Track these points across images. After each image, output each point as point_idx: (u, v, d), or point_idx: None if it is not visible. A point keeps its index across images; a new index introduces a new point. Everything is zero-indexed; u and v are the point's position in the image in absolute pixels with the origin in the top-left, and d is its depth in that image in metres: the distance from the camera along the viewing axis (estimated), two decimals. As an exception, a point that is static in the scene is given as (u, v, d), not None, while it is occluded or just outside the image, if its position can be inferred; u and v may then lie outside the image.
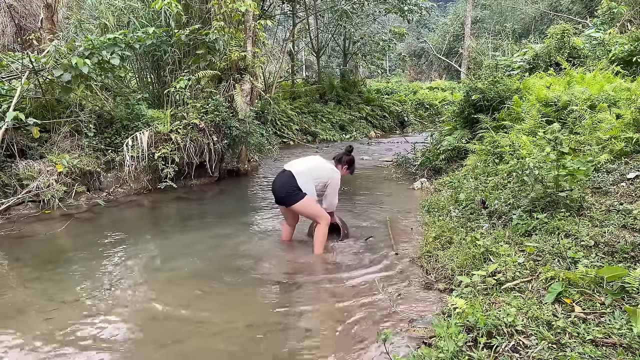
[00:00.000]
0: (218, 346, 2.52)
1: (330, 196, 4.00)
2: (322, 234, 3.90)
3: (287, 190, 3.80)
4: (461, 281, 2.78)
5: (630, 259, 2.48)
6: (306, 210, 3.87)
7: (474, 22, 24.35)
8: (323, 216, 3.90)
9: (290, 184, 3.79)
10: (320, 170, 3.97)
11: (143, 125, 6.71)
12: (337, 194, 4.06)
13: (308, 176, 3.85)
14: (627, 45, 6.99)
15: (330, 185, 3.97)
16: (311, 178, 3.87)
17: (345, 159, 4.18)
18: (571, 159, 3.48)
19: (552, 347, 1.90)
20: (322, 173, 3.96)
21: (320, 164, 4.04)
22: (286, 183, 3.82)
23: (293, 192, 3.78)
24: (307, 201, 3.80)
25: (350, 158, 4.21)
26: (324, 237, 3.90)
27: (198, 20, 7.75)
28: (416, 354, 2.05)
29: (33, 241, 4.54)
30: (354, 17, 14.93)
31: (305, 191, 3.78)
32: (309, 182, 3.83)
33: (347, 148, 4.26)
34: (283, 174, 3.92)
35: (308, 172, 3.88)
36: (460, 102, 7.25)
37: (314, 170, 3.94)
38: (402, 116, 17.07)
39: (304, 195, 3.78)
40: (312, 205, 3.85)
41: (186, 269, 3.67)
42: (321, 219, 3.90)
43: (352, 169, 4.28)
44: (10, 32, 9.98)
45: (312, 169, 3.94)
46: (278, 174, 4.03)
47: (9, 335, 2.66)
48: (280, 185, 3.88)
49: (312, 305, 3.02)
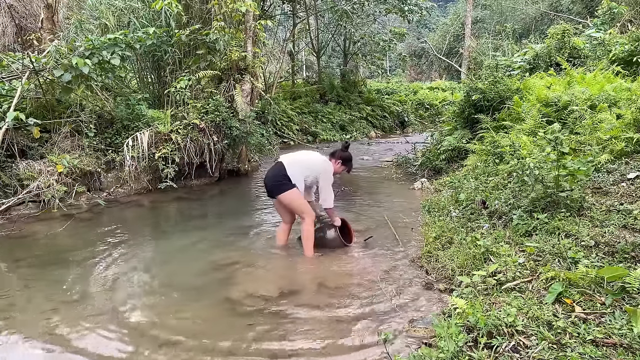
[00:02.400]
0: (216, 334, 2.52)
1: (324, 190, 3.84)
2: (308, 233, 3.82)
3: (276, 179, 3.75)
4: (461, 281, 2.78)
5: (630, 259, 2.47)
6: (292, 202, 3.78)
7: (474, 22, 24.35)
8: (308, 212, 3.82)
9: (279, 174, 3.75)
10: (311, 163, 3.88)
11: (143, 126, 6.71)
12: (332, 189, 3.89)
13: (298, 167, 3.79)
14: (628, 46, 6.99)
15: (321, 177, 3.84)
16: (302, 169, 3.80)
17: (339, 154, 4.03)
18: (571, 159, 3.47)
19: (552, 347, 1.90)
20: (313, 166, 3.87)
21: (313, 157, 3.96)
22: (276, 173, 3.78)
23: (281, 181, 3.72)
24: (294, 193, 3.73)
25: (345, 154, 4.05)
26: (310, 235, 3.83)
27: (198, 20, 7.75)
28: (416, 354, 2.04)
29: (33, 241, 4.54)
30: (354, 17, 14.93)
31: (294, 182, 3.72)
32: (298, 174, 3.76)
33: (344, 143, 4.14)
34: (276, 164, 3.89)
35: (299, 164, 3.82)
36: (460, 102, 7.25)
37: (306, 162, 3.87)
38: (402, 116, 17.07)
39: (292, 187, 3.71)
40: (297, 198, 3.77)
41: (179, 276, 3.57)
42: (306, 214, 3.81)
43: (348, 166, 4.11)
44: (11, 32, 9.99)
45: (303, 161, 3.88)
46: (272, 166, 3.99)
47: (9, 335, 2.66)
48: (270, 175, 3.85)
49: (312, 305, 3.02)
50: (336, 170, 4.02)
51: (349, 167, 4.15)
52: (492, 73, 7.06)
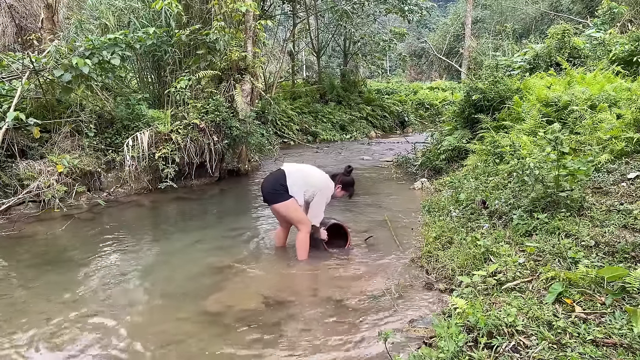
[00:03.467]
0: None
1: (316, 207, 3.71)
2: (302, 241, 3.74)
3: (274, 187, 3.66)
4: (461, 281, 2.78)
5: (630, 259, 2.47)
6: (287, 213, 3.68)
7: (475, 22, 24.35)
8: (304, 223, 3.71)
9: (278, 182, 3.65)
10: (314, 180, 3.73)
11: (143, 126, 6.71)
12: (323, 209, 3.76)
13: (299, 179, 3.67)
14: (628, 45, 6.99)
15: (319, 193, 3.71)
16: (302, 182, 3.68)
17: (340, 178, 3.85)
18: (572, 159, 3.47)
19: (552, 347, 1.90)
20: (315, 182, 3.72)
21: (317, 174, 3.81)
22: (275, 180, 3.69)
23: (279, 190, 3.62)
24: (290, 204, 3.62)
25: (347, 179, 3.86)
26: (305, 243, 3.74)
27: (198, 20, 7.75)
28: (417, 354, 2.04)
29: (33, 241, 4.54)
30: (354, 17, 14.93)
31: (292, 193, 3.62)
32: (298, 185, 3.65)
33: (346, 168, 3.92)
34: (277, 171, 3.80)
35: (300, 175, 3.70)
36: (460, 102, 7.25)
37: (308, 176, 3.74)
38: (402, 116, 17.07)
39: (289, 198, 3.61)
40: (294, 209, 3.65)
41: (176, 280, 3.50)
42: (302, 225, 3.72)
43: (349, 192, 3.93)
44: (11, 32, 9.99)
45: (306, 176, 3.73)
46: (271, 172, 3.91)
47: (9, 335, 2.66)
48: (268, 181, 3.75)
49: (311, 306, 3.02)
50: (336, 195, 3.87)
51: (351, 193, 3.97)
52: (492, 73, 7.06)
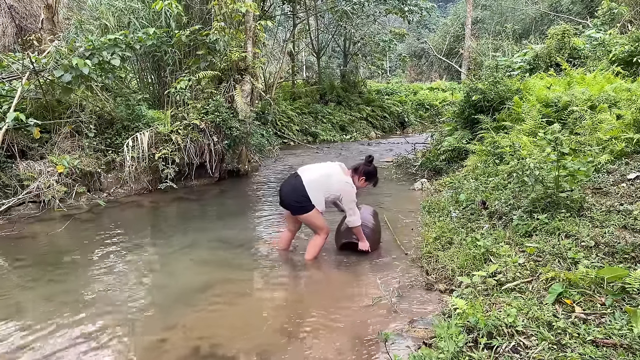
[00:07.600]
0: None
1: (349, 211, 3.69)
2: (316, 245, 3.81)
3: (296, 199, 3.65)
4: (461, 282, 2.78)
5: (630, 260, 2.47)
6: (310, 221, 3.74)
7: (474, 23, 24.35)
8: (324, 229, 3.79)
9: (299, 193, 3.62)
10: (332, 182, 3.69)
11: (143, 126, 6.71)
12: (355, 206, 3.73)
13: (319, 186, 3.66)
14: (628, 46, 6.99)
15: (343, 200, 3.69)
16: (322, 189, 3.66)
17: (362, 169, 3.82)
18: (571, 159, 3.48)
19: (552, 348, 1.90)
20: (333, 186, 3.69)
21: (334, 175, 3.74)
22: (295, 190, 3.65)
23: (302, 202, 3.62)
24: (314, 213, 3.66)
25: (369, 169, 3.83)
26: (318, 247, 3.82)
27: (198, 20, 7.76)
28: (417, 354, 2.04)
29: (33, 242, 4.54)
30: (354, 17, 14.92)
31: (314, 202, 3.62)
32: (318, 193, 3.64)
33: (367, 157, 3.87)
34: (295, 179, 3.72)
35: (319, 182, 3.67)
36: (460, 103, 7.25)
37: (326, 181, 3.70)
38: (402, 117, 17.07)
39: (312, 207, 3.63)
40: (316, 217, 3.70)
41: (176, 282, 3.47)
42: (321, 231, 3.79)
43: (372, 181, 3.91)
44: (11, 32, 9.98)
45: (324, 179, 3.70)
46: (289, 177, 3.86)
47: (9, 335, 2.66)
48: (288, 191, 3.71)
49: (311, 306, 3.02)
50: (360, 186, 3.85)
51: (375, 182, 3.95)
52: (492, 73, 7.06)
